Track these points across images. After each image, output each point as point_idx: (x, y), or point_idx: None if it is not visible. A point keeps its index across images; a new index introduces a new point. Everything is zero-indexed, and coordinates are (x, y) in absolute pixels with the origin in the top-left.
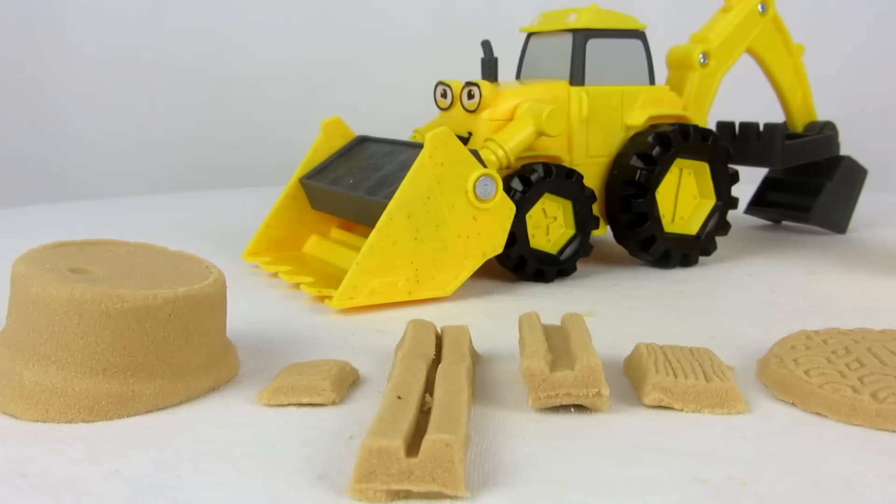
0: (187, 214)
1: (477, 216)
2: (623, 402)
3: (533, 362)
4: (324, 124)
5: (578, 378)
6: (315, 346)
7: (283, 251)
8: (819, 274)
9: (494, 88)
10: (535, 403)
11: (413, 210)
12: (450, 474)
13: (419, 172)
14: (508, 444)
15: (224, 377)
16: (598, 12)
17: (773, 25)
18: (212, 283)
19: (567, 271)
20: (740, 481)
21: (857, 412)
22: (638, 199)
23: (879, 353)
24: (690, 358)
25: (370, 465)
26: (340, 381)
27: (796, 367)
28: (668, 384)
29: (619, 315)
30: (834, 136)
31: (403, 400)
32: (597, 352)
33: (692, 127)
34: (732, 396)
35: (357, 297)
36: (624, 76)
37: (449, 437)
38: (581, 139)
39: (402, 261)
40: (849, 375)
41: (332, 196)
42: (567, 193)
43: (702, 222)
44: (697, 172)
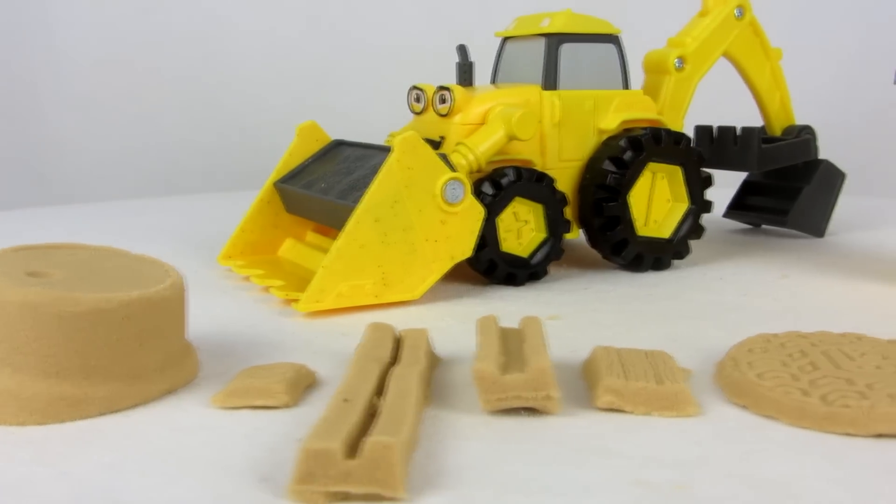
0: (171, 218)
1: (445, 220)
2: (577, 405)
3: (483, 365)
4: (299, 128)
5: (529, 381)
6: (278, 349)
7: (258, 255)
8: (791, 277)
9: (466, 93)
10: (485, 406)
11: (381, 214)
12: (389, 476)
13: (387, 176)
14: (456, 446)
15: (182, 380)
16: (572, 17)
17: (751, 29)
18: (168, 287)
19: (538, 275)
20: (678, 484)
21: (805, 415)
22: (610, 203)
23: (835, 356)
24: (645, 361)
25: (309, 467)
26: (295, 384)
27: (750, 370)
28: (620, 387)
29: (586, 318)
30: (811, 139)
31: (350, 402)
32: (548, 355)
33: (664, 131)
34: (683, 399)
35: (324, 300)
36: (597, 80)
37: (388, 440)
38: (554, 143)
39: (369, 264)
40: (801, 378)
41: (305, 200)
42: (538, 197)
43: (675, 226)
44: (671, 176)
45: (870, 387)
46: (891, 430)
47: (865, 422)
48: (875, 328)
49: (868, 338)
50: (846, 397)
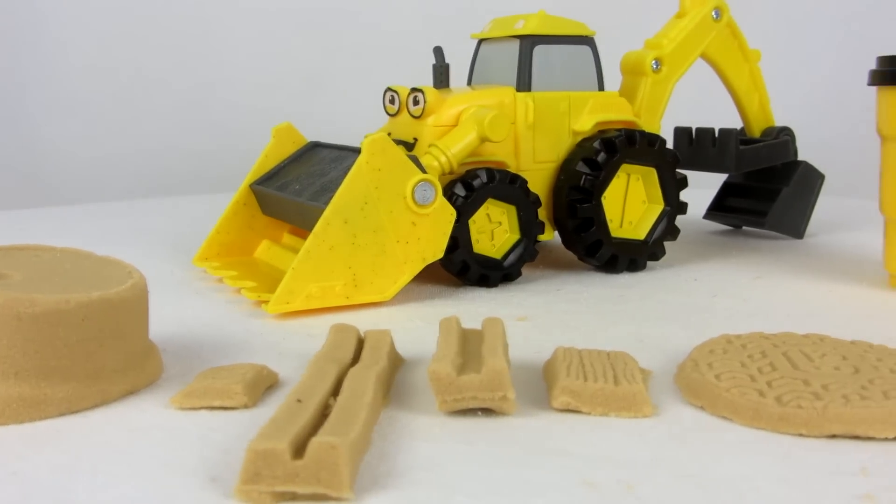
0: (154, 220)
1: (416, 221)
2: (535, 406)
3: (439, 366)
4: (275, 130)
5: (484, 382)
6: (244, 350)
7: (234, 256)
8: (765, 279)
9: (439, 94)
10: (441, 407)
11: (350, 215)
12: (334, 476)
13: (356, 178)
14: (409, 446)
15: (144, 380)
16: (546, 19)
17: (728, 31)
18: (129, 288)
19: (511, 276)
20: (627, 484)
21: (760, 416)
22: (583, 205)
23: (794, 357)
24: (606, 362)
25: (256, 467)
26: (255, 384)
27: (708, 371)
28: (577, 387)
29: (555, 320)
30: (790, 141)
31: (303, 403)
32: (505, 356)
33: (638, 132)
34: (640, 400)
35: (293, 301)
36: (572, 82)
37: (335, 440)
38: (528, 145)
39: (339, 265)
40: (758, 379)
41: (280, 202)
42: (511, 199)
43: (650, 227)
44: (645, 178)
45: (825, 388)
46: (843, 431)
47: (819, 422)
48: (843, 329)
49: (831, 339)
50: (801, 398)
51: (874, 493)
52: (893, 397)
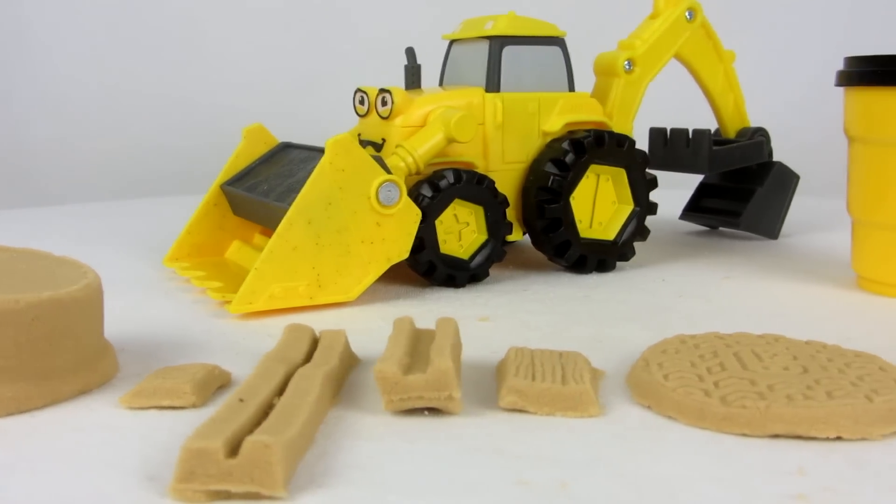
0: (134, 220)
1: (381, 222)
2: (484, 406)
3: (385, 366)
4: (245, 131)
5: (430, 381)
6: (203, 350)
7: (204, 257)
8: (733, 279)
9: (407, 95)
10: (388, 406)
11: (314, 216)
12: (268, 475)
13: (319, 178)
14: (350, 445)
15: (96, 380)
16: (515, 20)
17: (703, 32)
18: (82, 288)
19: (479, 277)
20: (561, 483)
21: (704, 415)
22: (551, 205)
23: (745, 357)
24: (557, 362)
25: (190, 466)
26: (205, 384)
27: (658, 371)
28: (524, 387)
29: (517, 320)
30: (764, 142)
31: (245, 402)
32: (450, 356)
33: (607, 133)
34: (586, 400)
35: (256, 301)
36: (542, 83)
37: (268, 439)
38: (497, 145)
39: (302, 266)
40: (706, 379)
41: (248, 202)
42: (478, 199)
43: (619, 228)
44: (615, 178)
45: (771, 388)
46: (785, 431)
47: (761, 422)
48: (805, 329)
49: (786, 339)
50: (745, 398)
51: (808, 493)
52: (837, 397)
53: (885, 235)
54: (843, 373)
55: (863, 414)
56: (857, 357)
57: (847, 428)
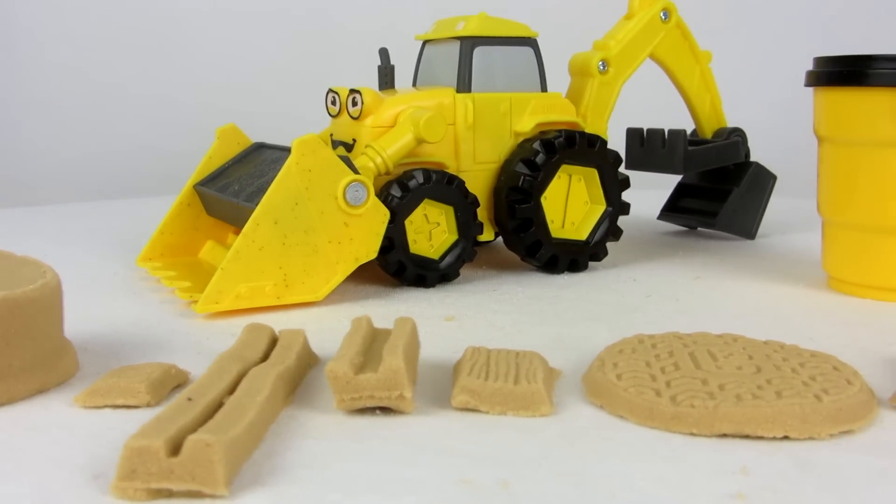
0: (114, 220)
1: (349, 222)
2: (437, 405)
3: (337, 365)
4: (219, 131)
5: (381, 380)
6: (165, 349)
7: (178, 256)
8: (704, 279)
9: (377, 95)
10: (339, 405)
11: (280, 216)
12: (209, 473)
13: (286, 178)
14: (299, 445)
15: (54, 379)
16: (487, 20)
17: (678, 32)
18: (39, 288)
19: (449, 276)
20: (503, 482)
21: (654, 415)
22: (522, 205)
23: (700, 356)
24: (512, 362)
25: (132, 464)
26: (160, 383)
27: (612, 371)
28: (476, 387)
29: (483, 320)
30: (740, 142)
31: (193, 401)
32: (404, 355)
33: (578, 133)
34: (538, 399)
35: (222, 301)
36: (514, 83)
37: (210, 438)
38: (468, 146)
39: (269, 266)
40: (659, 379)
41: (220, 202)
42: (448, 199)
43: (591, 228)
44: (587, 178)
45: (721, 387)
46: (733, 431)
47: (709, 422)
48: (770, 329)
49: (744, 339)
50: (695, 398)
51: (747, 493)
52: (786, 397)
53: (854, 235)
54: (797, 372)
55: (811, 413)
56: (813, 357)
57: (794, 427)
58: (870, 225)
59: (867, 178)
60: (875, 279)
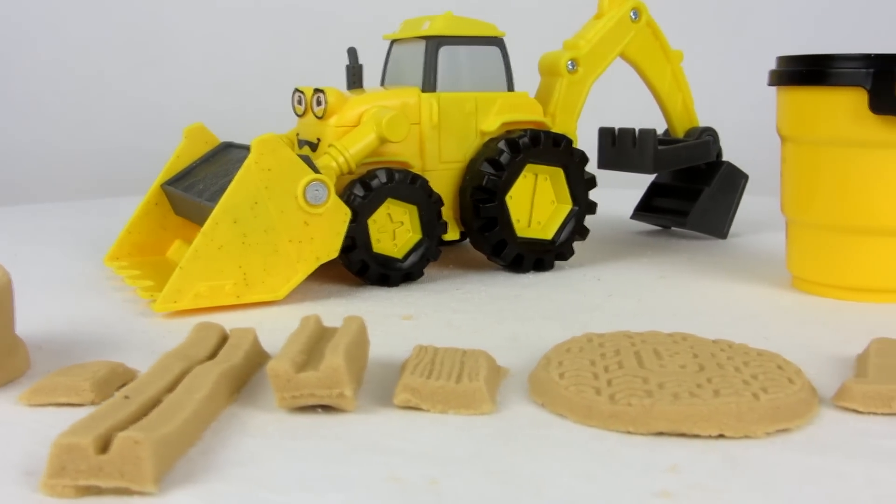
0: (90, 219)
1: (309, 221)
2: (380, 403)
3: (278, 363)
4: (186, 130)
5: (321, 379)
6: (120, 348)
7: (146, 256)
8: (669, 278)
9: (342, 95)
10: (280, 404)
11: (240, 215)
12: (138, 471)
13: (245, 178)
14: (236, 442)
15: (3, 377)
16: (452, 20)
17: (649, 31)
18: None
19: (413, 276)
20: (432, 480)
21: (592, 413)
22: (486, 204)
23: (646, 355)
24: (459, 360)
25: (61, 461)
26: (106, 382)
27: (555, 369)
28: (418, 385)
29: (441, 318)
30: (711, 141)
31: (130, 399)
32: (345, 353)
33: (543, 133)
34: (479, 398)
35: (181, 300)
36: (480, 83)
37: (138, 435)
38: (433, 145)
39: (229, 265)
40: (601, 378)
41: (185, 202)
42: (411, 199)
43: (558, 227)
44: (553, 178)
45: (661, 386)
46: (669, 429)
47: (645, 420)
48: (724, 328)
49: (694, 337)
50: (633, 396)
51: (673, 491)
52: (723, 395)
53: (816, 235)
54: (739, 371)
55: (746, 412)
56: (759, 356)
57: (729, 426)
58: (831, 224)
59: (829, 177)
60: (837, 278)
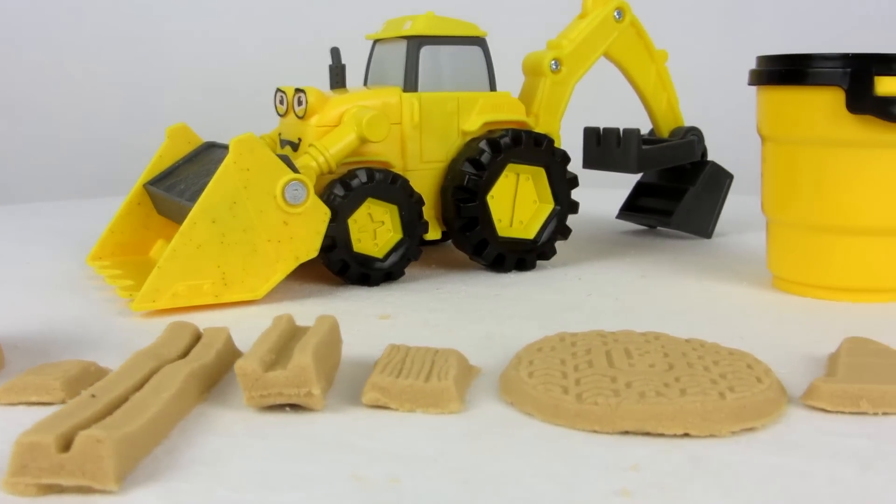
0: (76, 220)
1: (288, 221)
2: (349, 402)
3: (246, 362)
4: (169, 130)
5: (289, 377)
6: (96, 348)
7: (128, 255)
8: (649, 278)
9: (322, 95)
10: (249, 402)
11: (218, 215)
12: (99, 469)
13: (223, 178)
14: (202, 441)
15: None
16: (434, 20)
17: (633, 31)
18: None
19: (394, 275)
20: (393, 479)
21: (559, 412)
22: (468, 204)
23: (616, 355)
24: (430, 359)
25: (23, 460)
26: (77, 381)
27: (525, 369)
28: (386, 384)
29: (418, 318)
30: (695, 141)
31: (97, 398)
32: (314, 352)
33: (525, 132)
34: (447, 397)
35: (159, 300)
36: (461, 82)
37: (100, 433)
38: (414, 145)
39: (207, 264)
40: (570, 377)
41: (166, 202)
42: (392, 198)
43: (539, 227)
44: (535, 177)
45: (628, 385)
46: (635, 428)
47: (611, 419)
48: (699, 328)
49: (666, 337)
50: (599, 395)
51: (633, 489)
52: (690, 394)
53: (796, 234)
54: (708, 370)
55: (712, 411)
56: (730, 355)
57: (695, 425)
58: (810, 224)
59: (807, 176)
60: (816, 278)
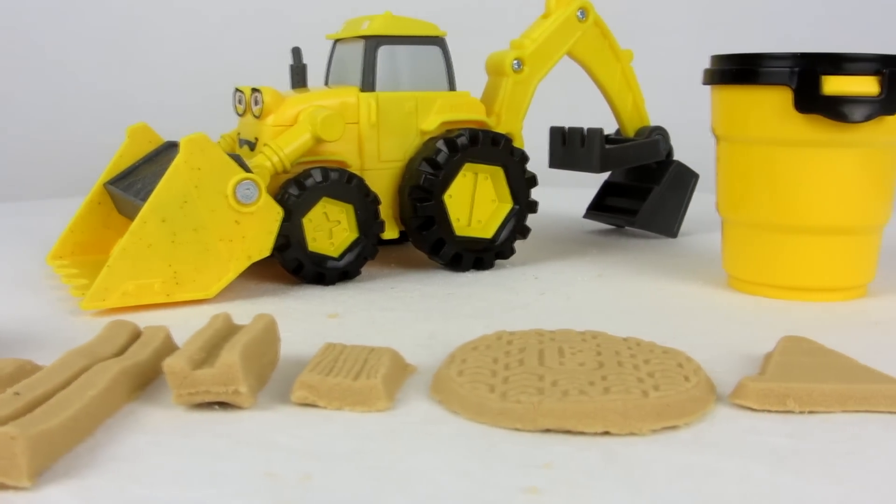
0: (44, 219)
1: (240, 220)
2: (280, 401)
3: (175, 360)
4: (129, 130)
5: (217, 375)
6: (41, 346)
7: (88, 255)
8: (606, 277)
9: (278, 94)
10: (177, 400)
11: (168, 214)
12: (12, 466)
13: (174, 177)
14: (125, 439)
15: None
16: (391, 20)
17: (597, 31)
18: None
19: (349, 274)
20: (305, 476)
21: (483, 410)
22: (424, 203)
23: (548, 353)
24: (363, 357)
25: None
26: (11, 379)
27: (456, 367)
28: (315, 382)
29: (366, 317)
30: (659, 140)
31: (20, 395)
32: (243, 350)
33: (482, 132)
34: (374, 395)
35: (109, 299)
36: (420, 82)
37: (14, 431)
38: (372, 144)
39: (158, 263)
40: (499, 375)
41: (124, 201)
42: (347, 198)
43: (498, 226)
44: (493, 177)
45: (554, 383)
46: (556, 426)
47: (532, 417)
48: (643, 327)
49: (604, 335)
50: (523, 393)
51: (542, 487)
52: (613, 393)
53: (749, 234)
54: (637, 369)
55: (632, 409)
56: (664, 353)
57: (615, 423)
58: (762, 223)
59: (758, 176)
60: (768, 277)
